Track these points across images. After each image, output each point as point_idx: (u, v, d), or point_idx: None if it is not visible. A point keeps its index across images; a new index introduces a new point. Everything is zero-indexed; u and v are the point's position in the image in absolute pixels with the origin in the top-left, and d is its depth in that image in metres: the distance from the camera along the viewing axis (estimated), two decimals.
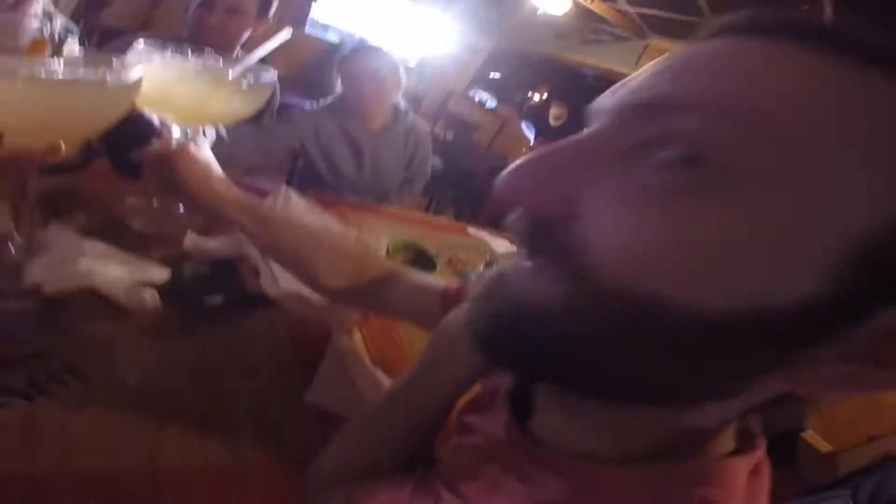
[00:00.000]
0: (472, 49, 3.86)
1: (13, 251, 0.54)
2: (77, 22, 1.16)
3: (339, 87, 1.31)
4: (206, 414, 0.50)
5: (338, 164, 1.31)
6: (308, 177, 1.33)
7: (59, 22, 0.99)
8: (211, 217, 0.59)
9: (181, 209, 0.72)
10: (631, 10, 3.19)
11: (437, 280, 0.57)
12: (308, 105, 1.32)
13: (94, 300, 0.55)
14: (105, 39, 0.99)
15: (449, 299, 0.51)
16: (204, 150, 0.62)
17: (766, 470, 0.28)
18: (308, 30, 3.49)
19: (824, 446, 1.23)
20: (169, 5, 2.70)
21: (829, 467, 1.19)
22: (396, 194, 1.46)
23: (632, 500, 0.26)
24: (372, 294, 0.58)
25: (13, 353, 0.46)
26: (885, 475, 1.02)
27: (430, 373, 0.41)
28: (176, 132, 0.63)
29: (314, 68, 3.31)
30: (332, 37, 3.65)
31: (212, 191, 0.57)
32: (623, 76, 0.26)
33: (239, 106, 0.65)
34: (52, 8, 0.96)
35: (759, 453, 0.27)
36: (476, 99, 4.17)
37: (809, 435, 1.25)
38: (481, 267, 1.04)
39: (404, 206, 1.43)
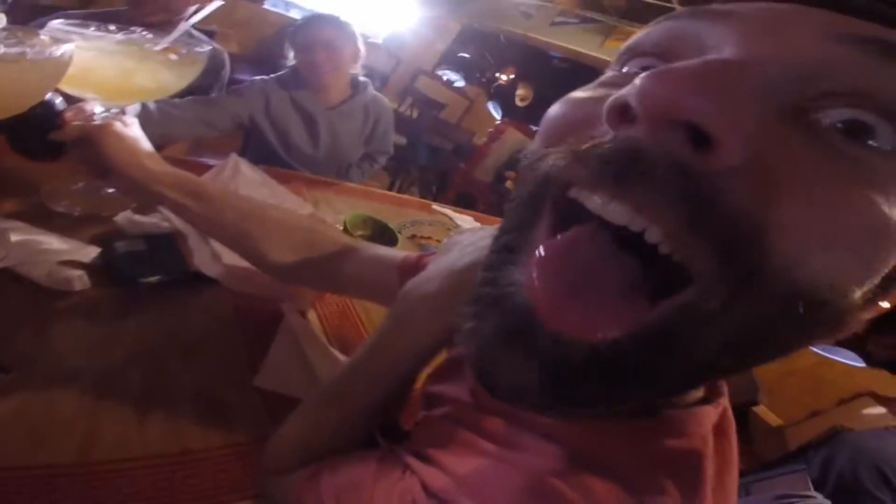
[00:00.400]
0: (441, 28, 3.79)
1: None
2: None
3: (291, 59, 1.24)
4: (145, 400, 0.47)
5: (290, 138, 1.25)
6: (261, 152, 1.26)
7: None
8: (143, 196, 0.55)
9: (110, 189, 0.68)
10: None
11: (395, 252, 0.55)
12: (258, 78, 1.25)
13: (13, 283, 0.51)
14: (38, 18, 0.91)
15: (407, 270, 0.49)
16: (131, 127, 0.58)
17: (733, 433, 0.28)
18: (268, 5, 3.32)
19: (774, 420, 1.29)
20: None
21: (780, 441, 1.25)
22: (357, 170, 1.41)
23: (612, 457, 0.26)
24: (325, 269, 0.55)
25: None
26: (834, 448, 1.05)
27: (392, 341, 0.39)
28: (98, 109, 0.59)
29: (273, 45, 3.16)
30: (295, 14, 3.48)
31: (141, 168, 0.54)
32: (589, 58, 0.23)
33: (168, 79, 0.62)
34: None
35: (725, 401, 0.28)
36: (444, 78, 4.12)
37: (760, 409, 1.31)
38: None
39: (367, 183, 1.39)
